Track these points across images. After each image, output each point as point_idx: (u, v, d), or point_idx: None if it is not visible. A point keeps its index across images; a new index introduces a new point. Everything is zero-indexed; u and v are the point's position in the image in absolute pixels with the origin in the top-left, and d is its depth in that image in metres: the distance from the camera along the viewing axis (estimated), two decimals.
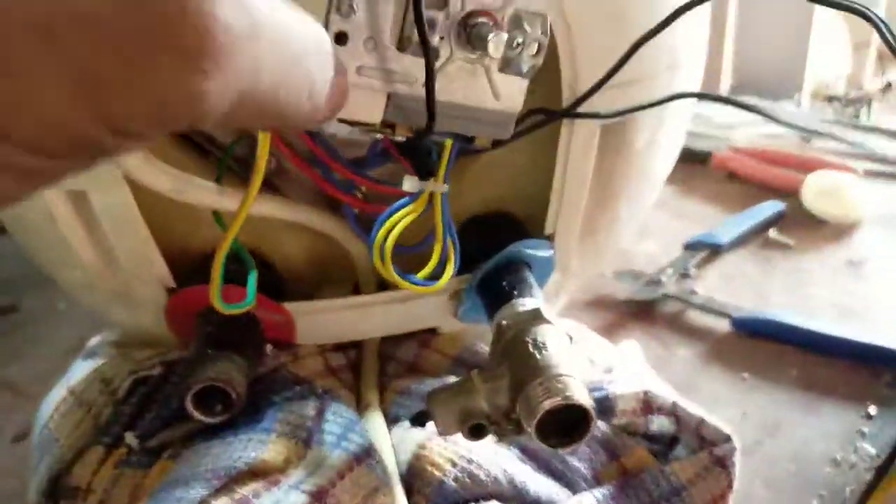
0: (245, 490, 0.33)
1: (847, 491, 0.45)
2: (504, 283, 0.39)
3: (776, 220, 0.74)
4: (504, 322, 0.36)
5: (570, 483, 0.37)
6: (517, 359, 0.33)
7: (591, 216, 0.43)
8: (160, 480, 0.34)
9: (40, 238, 0.40)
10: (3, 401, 0.58)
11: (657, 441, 0.40)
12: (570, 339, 0.36)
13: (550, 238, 0.42)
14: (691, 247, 0.69)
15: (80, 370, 0.43)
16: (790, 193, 0.78)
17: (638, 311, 0.62)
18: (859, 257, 0.68)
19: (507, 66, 0.27)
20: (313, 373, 0.41)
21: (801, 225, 0.74)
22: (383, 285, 0.42)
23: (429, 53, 0.25)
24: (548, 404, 0.30)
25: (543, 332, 0.34)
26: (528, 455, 0.38)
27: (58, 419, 0.40)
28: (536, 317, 0.35)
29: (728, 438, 0.38)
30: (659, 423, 0.40)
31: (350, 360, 0.44)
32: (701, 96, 0.39)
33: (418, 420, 0.34)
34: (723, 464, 0.37)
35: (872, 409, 0.51)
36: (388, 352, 0.45)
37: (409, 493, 0.35)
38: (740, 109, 0.48)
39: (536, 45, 0.27)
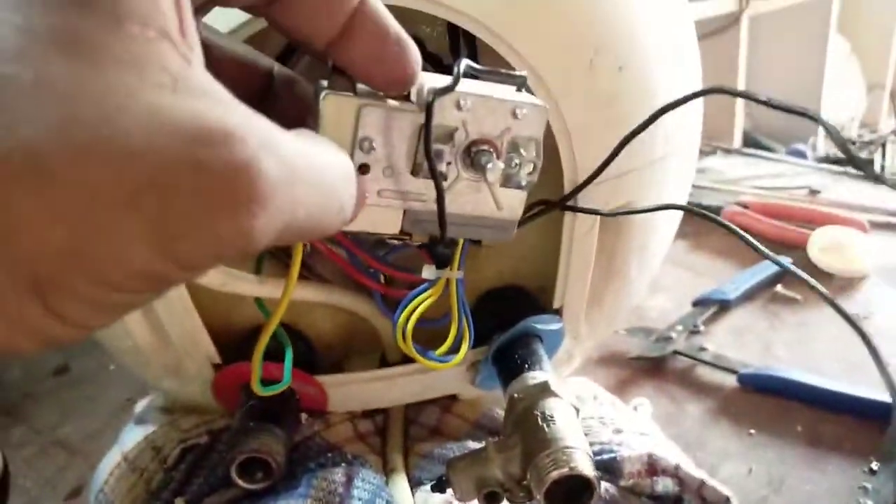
0: None
1: None
2: (516, 356, 0.43)
3: (783, 275, 0.77)
4: (516, 395, 0.40)
5: None
6: (527, 431, 0.37)
7: (597, 288, 0.47)
8: None
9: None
10: (56, 459, 0.63)
11: (661, 501, 0.43)
12: (577, 411, 0.39)
13: (559, 311, 0.46)
14: (700, 303, 0.72)
15: (132, 436, 0.47)
16: (797, 248, 0.81)
17: (649, 368, 0.65)
18: (865, 312, 0.71)
19: (508, 181, 0.31)
20: (343, 439, 0.45)
21: (806, 283, 0.76)
22: (407, 357, 0.46)
23: (438, 181, 0.29)
24: (555, 475, 0.34)
25: (551, 406, 0.38)
26: None
27: (112, 483, 0.44)
28: (545, 390, 0.39)
29: (727, 500, 0.41)
30: (663, 485, 0.43)
31: (377, 426, 0.48)
32: (687, 209, 0.43)
33: (439, 486, 0.38)
34: None
35: (875, 465, 0.53)
36: (413, 417, 0.49)
37: None
38: (749, 161, 0.51)
39: (532, 165, 0.31)
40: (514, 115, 0.30)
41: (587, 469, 0.34)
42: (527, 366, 0.42)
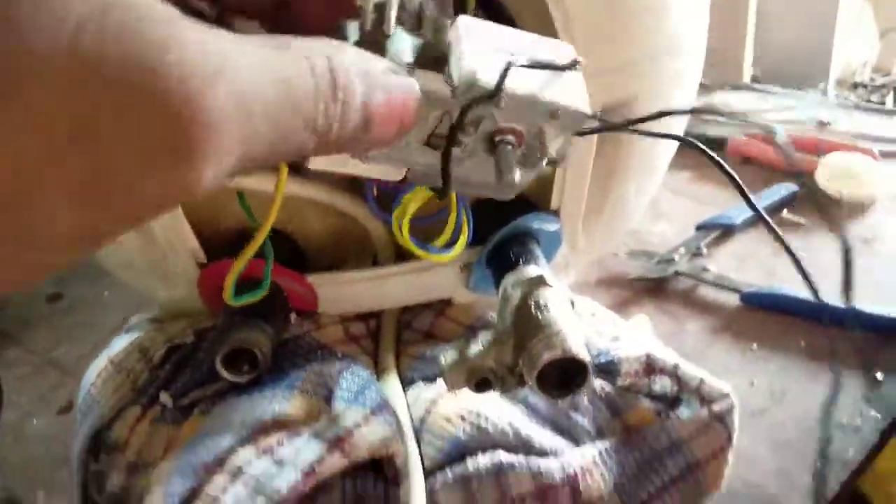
0: (270, 440, 0.36)
1: (850, 452, 0.46)
2: (511, 254, 0.42)
3: (790, 202, 0.75)
4: (509, 287, 0.38)
5: (573, 437, 0.40)
6: (521, 319, 0.36)
7: (596, 195, 0.45)
8: (192, 433, 0.37)
9: None
10: (50, 379, 0.62)
11: (660, 400, 0.42)
12: (572, 303, 0.38)
13: (557, 213, 0.44)
14: (704, 227, 0.70)
15: (120, 342, 0.46)
16: (805, 176, 0.79)
17: (650, 289, 0.64)
18: (872, 235, 0.69)
19: (521, 162, 0.30)
20: (334, 340, 0.44)
21: (816, 205, 0.75)
22: (400, 259, 0.45)
23: (448, 163, 0.28)
24: (547, 356, 0.33)
25: (546, 295, 0.37)
26: (534, 411, 0.40)
27: (99, 385, 0.43)
28: (540, 281, 0.38)
29: (726, 395, 0.40)
30: (661, 384, 0.42)
31: (370, 329, 0.47)
32: (680, 139, 0.41)
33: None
34: (722, 419, 0.39)
35: (880, 376, 0.52)
36: (406, 321, 0.48)
37: (420, 444, 0.38)
38: (758, 95, 0.49)
39: (548, 160, 0.30)
40: (553, 115, 0.28)
41: (580, 352, 0.33)
42: (521, 261, 0.41)
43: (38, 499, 0.51)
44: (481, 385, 0.35)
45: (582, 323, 0.47)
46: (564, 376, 0.35)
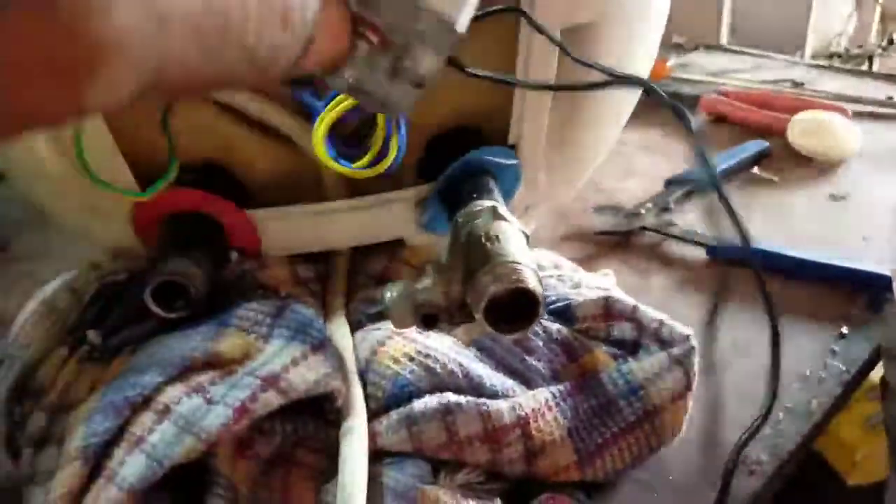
0: (201, 378, 0.33)
1: (814, 403, 0.45)
2: (465, 189, 0.39)
3: (761, 159, 0.74)
4: (461, 219, 0.36)
5: (527, 381, 0.38)
6: (471, 252, 0.34)
7: (556, 128, 0.43)
8: (118, 373, 0.35)
9: (11, 151, 0.40)
10: None
11: (618, 346, 0.41)
12: (527, 237, 0.36)
13: (514, 148, 0.42)
14: (672, 183, 0.68)
15: (52, 284, 0.44)
16: (778, 134, 0.77)
17: (615, 244, 0.62)
18: (842, 192, 0.68)
19: (390, 76, 0.29)
20: (280, 281, 0.41)
21: (787, 163, 0.73)
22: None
23: None
24: (494, 288, 0.31)
25: (497, 227, 0.34)
26: (487, 354, 0.39)
27: (28, 328, 0.41)
28: (492, 213, 0.35)
29: (686, 338, 0.39)
30: (620, 329, 0.41)
31: (319, 273, 0.44)
32: (642, 83, 0.39)
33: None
34: (681, 363, 0.38)
35: (845, 329, 0.51)
36: (358, 267, 0.46)
37: (365, 386, 0.36)
38: (733, 56, 0.47)
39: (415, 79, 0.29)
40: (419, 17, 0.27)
41: (531, 283, 0.31)
42: (475, 196, 0.38)
43: None
44: (428, 320, 0.33)
45: (544, 274, 0.45)
46: (515, 312, 0.33)
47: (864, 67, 1.48)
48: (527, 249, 0.33)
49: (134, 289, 0.39)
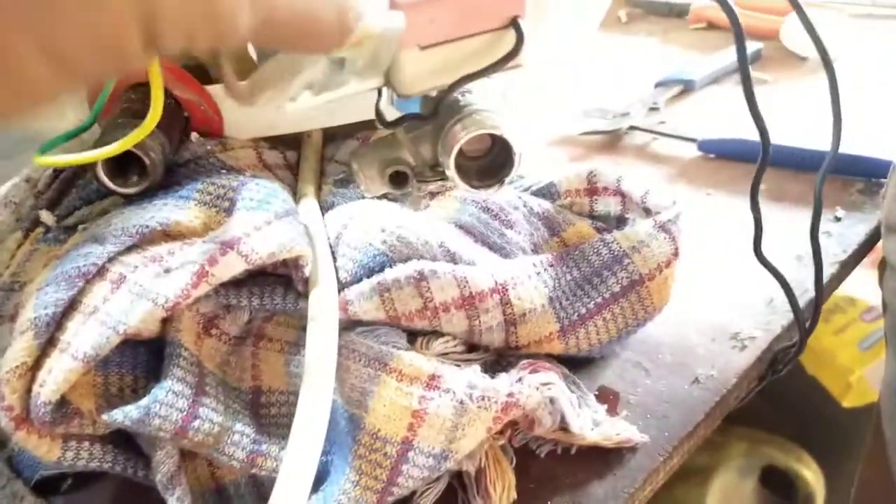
0: (159, 249, 0.32)
1: (809, 282, 0.44)
2: None
3: (754, 60, 0.71)
4: None
5: (507, 255, 0.36)
6: (443, 107, 0.31)
7: None
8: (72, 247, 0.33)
9: None
10: None
11: (604, 220, 0.39)
12: (505, 95, 0.34)
13: None
14: (662, 84, 0.66)
15: (11, 181, 0.41)
16: (771, 37, 0.74)
17: (604, 144, 0.60)
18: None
19: None
20: (245, 165, 0.39)
21: (781, 63, 0.71)
22: None
23: None
24: (464, 135, 0.29)
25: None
26: (466, 230, 0.37)
27: None
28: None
29: (672, 204, 0.37)
30: (604, 203, 0.39)
31: (288, 161, 0.42)
32: None
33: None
34: (667, 229, 0.36)
35: (840, 213, 0.49)
36: (330, 154, 0.43)
37: (336, 259, 0.34)
38: None
39: None
40: None
41: (504, 129, 0.29)
42: None
43: None
44: (397, 179, 0.31)
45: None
46: (490, 169, 0.31)
47: None
48: (501, 102, 0.31)
49: (90, 173, 0.37)
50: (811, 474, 0.86)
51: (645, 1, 0.87)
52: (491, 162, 0.30)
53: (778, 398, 0.80)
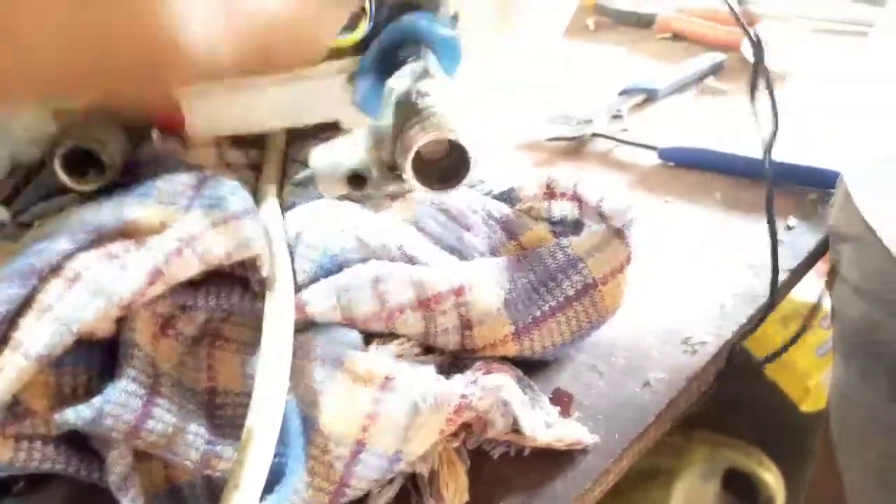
0: (115, 247, 0.32)
1: (760, 289, 0.45)
2: (398, 59, 0.38)
3: (715, 71, 0.73)
4: (391, 82, 0.35)
5: (465, 257, 0.37)
6: (400, 110, 0.32)
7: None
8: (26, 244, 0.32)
9: None
10: None
11: (561, 225, 0.40)
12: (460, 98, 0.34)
13: (455, 18, 0.40)
14: (626, 92, 0.67)
15: None
16: (734, 49, 0.76)
17: (567, 150, 0.61)
18: (794, 102, 0.67)
19: None
20: (206, 163, 0.39)
21: (741, 75, 0.73)
22: None
23: None
24: (420, 138, 0.29)
25: (427, 84, 0.33)
26: (425, 232, 0.37)
27: None
28: (423, 73, 0.34)
29: (627, 209, 0.37)
30: (561, 207, 0.40)
31: (250, 160, 0.42)
32: None
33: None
34: (621, 235, 0.37)
35: (793, 222, 0.51)
36: (293, 155, 0.44)
37: (294, 260, 0.34)
38: None
39: None
40: None
41: (459, 133, 0.29)
42: (409, 61, 0.37)
43: None
44: (356, 181, 0.32)
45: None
46: (446, 172, 0.31)
47: None
48: (458, 105, 0.32)
49: (47, 167, 0.37)
50: (772, 477, 0.87)
51: (613, 10, 0.88)
52: (448, 165, 0.31)
53: (738, 403, 0.81)
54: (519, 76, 0.65)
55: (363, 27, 0.35)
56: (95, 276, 0.30)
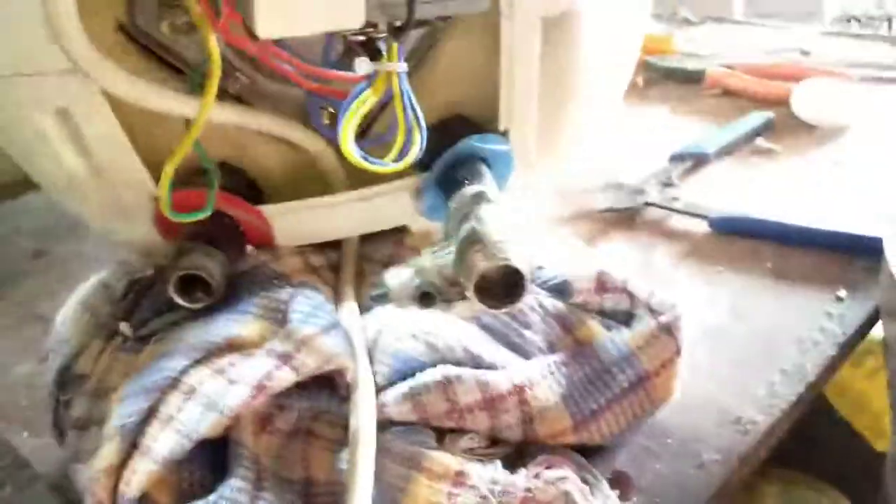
0: (222, 361, 0.37)
1: (809, 366, 0.47)
2: (459, 177, 0.42)
3: (765, 129, 0.75)
4: (453, 205, 0.39)
5: (525, 353, 0.40)
6: (462, 234, 0.36)
7: (547, 107, 0.45)
8: (149, 360, 0.38)
9: (32, 153, 0.43)
10: (33, 329, 0.64)
11: (612, 317, 0.43)
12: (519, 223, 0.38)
13: (506, 134, 0.44)
14: (677, 158, 0.70)
15: (87, 284, 0.47)
16: (783, 104, 0.78)
17: (620, 220, 0.64)
18: (845, 158, 0.69)
19: None
20: (293, 270, 0.44)
21: (791, 132, 0.74)
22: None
23: None
24: (483, 266, 0.33)
25: (486, 209, 0.37)
26: (487, 330, 0.41)
27: (67, 324, 0.44)
28: (480, 197, 0.38)
29: (674, 306, 0.41)
30: (613, 300, 0.43)
31: (330, 262, 0.47)
32: None
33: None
34: (669, 330, 0.40)
35: (842, 293, 0.52)
36: (367, 254, 0.48)
37: (372, 364, 0.39)
38: (742, 28, 0.48)
39: None
40: None
41: (517, 260, 0.34)
42: (467, 181, 0.41)
43: (22, 438, 0.52)
44: (424, 299, 0.36)
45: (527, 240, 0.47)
46: (506, 288, 0.35)
47: (884, 31, 1.47)
48: (514, 229, 0.36)
49: (160, 284, 0.43)
50: None
51: (661, 66, 0.91)
52: (506, 283, 0.35)
53: (812, 441, 0.82)
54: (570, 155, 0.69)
55: (414, 153, 0.38)
56: (208, 391, 0.35)
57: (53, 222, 0.82)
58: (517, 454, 0.38)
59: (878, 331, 0.55)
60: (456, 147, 0.42)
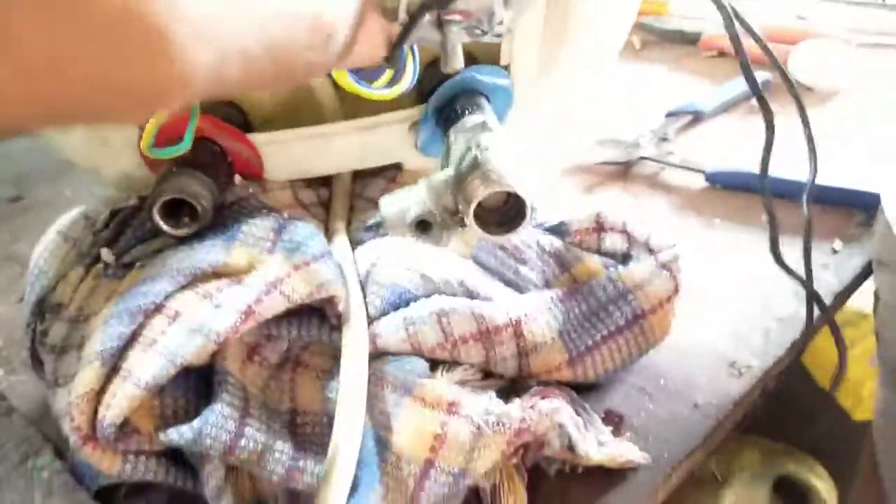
0: (209, 286, 0.35)
1: (803, 313, 0.46)
2: (458, 108, 0.41)
3: (762, 90, 0.74)
4: (452, 134, 0.38)
5: (521, 290, 0.40)
6: (460, 162, 0.35)
7: (548, 50, 0.43)
8: (132, 284, 0.37)
9: None
10: (11, 272, 0.62)
11: (610, 256, 0.42)
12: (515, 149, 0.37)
13: (507, 69, 0.43)
14: (673, 114, 0.69)
15: (68, 216, 0.46)
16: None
17: (616, 174, 0.63)
18: (841, 120, 0.68)
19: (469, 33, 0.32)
20: (283, 204, 0.43)
21: (787, 94, 0.74)
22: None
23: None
24: (482, 191, 0.32)
25: (486, 137, 0.36)
26: (482, 266, 0.40)
27: (46, 256, 0.43)
28: (482, 126, 0.37)
29: (672, 245, 0.40)
30: (611, 240, 0.42)
31: (321, 199, 0.46)
32: None
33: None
34: (668, 268, 0.39)
35: (838, 245, 0.52)
36: (358, 192, 0.47)
37: (365, 295, 0.38)
38: None
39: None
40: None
41: (517, 186, 0.33)
42: (467, 113, 0.40)
43: None
44: (421, 227, 0.35)
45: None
46: (505, 217, 0.34)
47: None
48: (514, 158, 0.35)
49: (144, 211, 0.41)
50: (824, 486, 0.87)
51: (658, 28, 0.90)
52: (507, 210, 0.34)
53: (791, 410, 0.82)
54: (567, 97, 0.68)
55: (407, 80, 0.37)
56: (194, 315, 0.34)
57: (30, 168, 0.79)
58: (510, 388, 0.37)
59: (855, 301, 0.55)
60: (456, 77, 0.41)
